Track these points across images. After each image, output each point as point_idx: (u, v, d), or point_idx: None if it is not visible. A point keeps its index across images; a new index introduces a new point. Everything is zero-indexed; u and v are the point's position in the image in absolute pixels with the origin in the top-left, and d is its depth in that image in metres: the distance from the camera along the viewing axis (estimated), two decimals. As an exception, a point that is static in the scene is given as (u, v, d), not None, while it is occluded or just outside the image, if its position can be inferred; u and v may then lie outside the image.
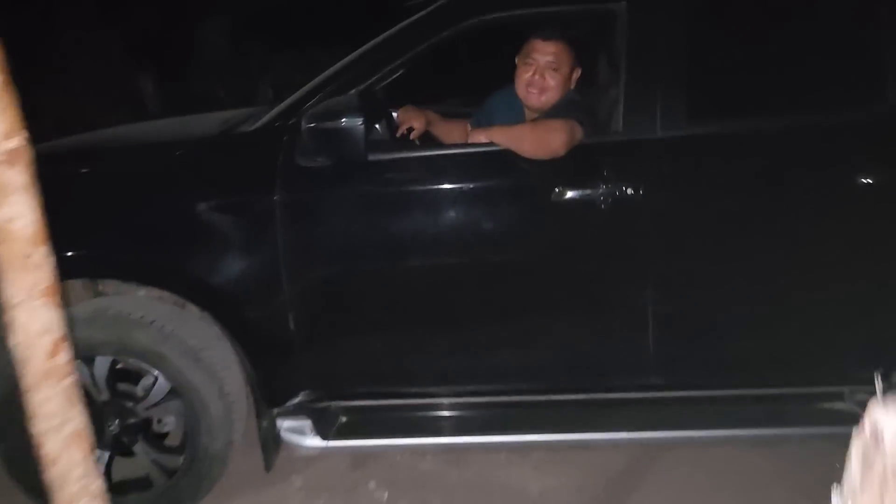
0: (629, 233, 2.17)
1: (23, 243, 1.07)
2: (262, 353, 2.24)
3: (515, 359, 2.29)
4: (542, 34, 2.31)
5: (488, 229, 2.16)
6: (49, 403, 1.05)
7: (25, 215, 1.08)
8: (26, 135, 1.09)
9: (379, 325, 2.25)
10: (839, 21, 2.20)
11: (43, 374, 1.04)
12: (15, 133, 1.07)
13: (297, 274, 2.16)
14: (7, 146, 1.06)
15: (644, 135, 2.15)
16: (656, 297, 2.19)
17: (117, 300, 2.27)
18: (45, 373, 1.04)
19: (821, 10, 2.20)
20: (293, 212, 2.13)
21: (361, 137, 1.97)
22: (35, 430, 1.09)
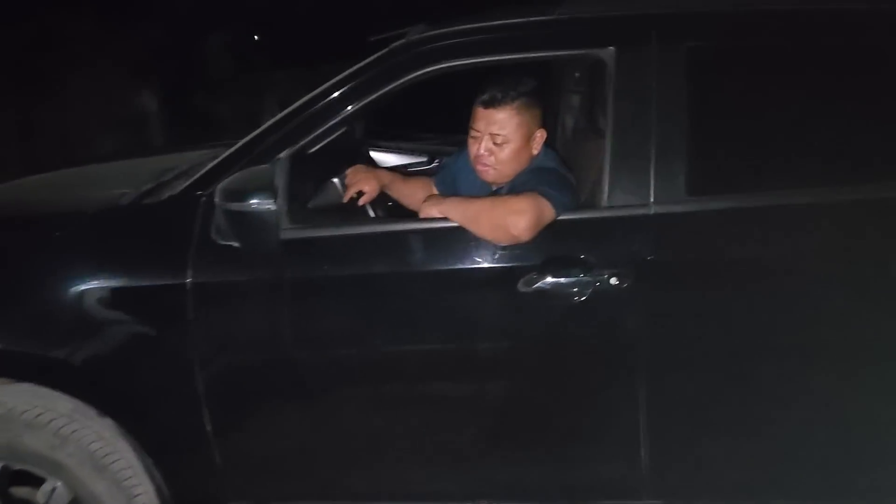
0: (613, 331, 1.77)
1: None
2: (174, 460, 1.90)
3: (470, 471, 1.90)
4: (483, 100, 1.90)
5: (438, 323, 1.79)
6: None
7: None
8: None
9: (310, 429, 1.89)
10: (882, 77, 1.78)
11: None
12: None
13: (212, 370, 1.82)
14: None
15: (633, 210, 1.76)
16: (647, 407, 1.79)
17: (10, 392, 1.95)
18: None
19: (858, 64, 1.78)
20: (207, 298, 1.79)
21: (271, 219, 1.61)
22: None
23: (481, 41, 1.87)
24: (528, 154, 1.96)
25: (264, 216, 1.61)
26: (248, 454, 1.91)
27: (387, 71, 1.84)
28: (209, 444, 1.87)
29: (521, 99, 1.91)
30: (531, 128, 1.95)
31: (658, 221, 1.75)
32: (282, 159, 1.78)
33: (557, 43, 1.85)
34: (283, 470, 1.93)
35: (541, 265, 1.74)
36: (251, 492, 1.95)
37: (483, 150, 1.93)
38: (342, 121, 1.83)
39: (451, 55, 1.85)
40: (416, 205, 2.17)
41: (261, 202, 1.60)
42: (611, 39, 1.80)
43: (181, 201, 1.85)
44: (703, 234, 1.77)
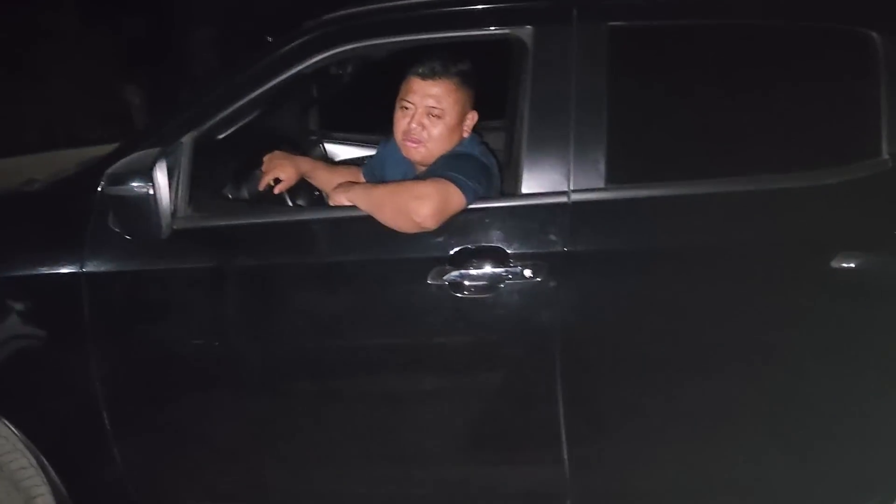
0: (527, 326, 1.67)
1: None
2: (73, 462, 1.81)
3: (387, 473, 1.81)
4: (420, 70, 1.80)
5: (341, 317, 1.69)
6: None
7: None
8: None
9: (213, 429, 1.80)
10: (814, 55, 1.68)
11: None
12: None
13: (108, 365, 1.73)
14: None
15: (550, 199, 1.65)
16: (566, 406, 1.69)
17: None
18: None
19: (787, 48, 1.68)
20: (102, 288, 1.70)
21: (152, 206, 1.52)
22: None
23: (395, 20, 1.77)
24: (459, 135, 1.85)
25: (142, 202, 1.52)
26: (150, 455, 1.82)
27: (295, 51, 1.74)
28: (109, 446, 1.78)
29: (461, 75, 1.82)
30: (465, 107, 1.85)
31: (576, 211, 1.64)
32: (183, 143, 1.69)
33: (473, 22, 1.74)
34: (186, 471, 1.84)
35: (451, 256, 1.64)
36: (155, 494, 1.86)
37: (415, 124, 1.82)
38: (249, 103, 1.73)
39: (363, 35, 1.76)
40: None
41: (139, 186, 1.51)
42: (529, 18, 1.69)
43: (80, 187, 1.76)
44: (621, 224, 1.66)
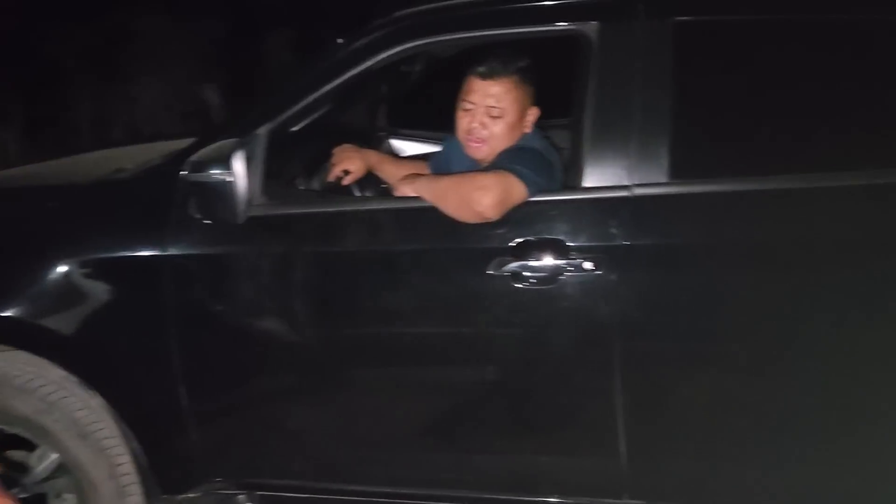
0: (586, 318, 1.69)
1: None
2: (152, 433, 1.93)
3: (447, 459, 1.86)
4: (480, 71, 1.84)
5: (406, 304, 1.75)
6: None
7: None
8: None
9: (284, 409, 1.89)
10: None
11: None
12: None
13: (186, 342, 1.83)
14: None
15: (611, 193, 1.67)
16: (624, 399, 1.70)
17: (5, 359, 2.01)
18: None
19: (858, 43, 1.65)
20: (183, 270, 1.81)
21: (230, 193, 1.61)
22: None
23: (463, 17, 1.82)
24: (520, 131, 1.89)
25: (222, 188, 1.61)
26: (222, 431, 1.92)
27: (365, 48, 1.81)
28: (186, 420, 1.89)
29: (519, 73, 1.86)
30: (526, 104, 1.89)
31: (637, 205, 1.66)
32: (259, 134, 1.78)
33: (539, 18, 1.77)
34: (256, 449, 1.93)
35: (512, 247, 1.68)
36: (226, 469, 1.96)
37: (476, 124, 1.87)
38: (321, 97, 1.81)
39: (432, 31, 1.81)
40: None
41: (218, 174, 1.60)
42: (594, 14, 1.72)
43: (164, 175, 1.87)
44: (683, 219, 1.66)
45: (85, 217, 1.91)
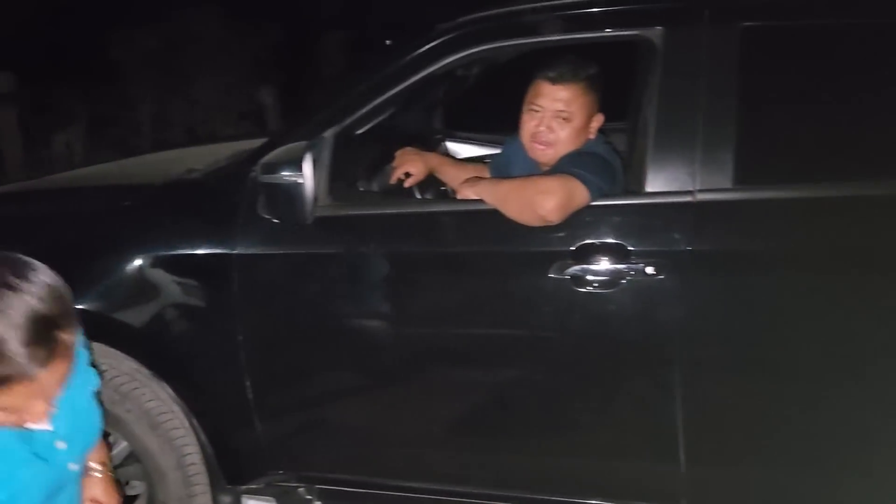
0: (647, 323, 1.70)
1: None
2: (218, 425, 1.99)
3: (503, 460, 1.88)
4: (549, 75, 1.86)
5: (466, 306, 1.78)
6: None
7: None
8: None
9: (347, 405, 1.94)
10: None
11: None
12: None
13: (253, 339, 1.89)
14: None
15: (675, 198, 1.67)
16: (684, 405, 1.70)
17: (83, 351, 2.11)
18: None
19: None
20: (251, 269, 1.87)
21: (301, 194, 1.66)
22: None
23: (527, 23, 1.84)
24: (585, 137, 1.91)
25: (292, 189, 1.66)
26: (285, 425, 1.97)
27: (430, 52, 1.84)
28: (250, 413, 1.95)
29: (588, 80, 1.88)
30: (592, 110, 1.90)
31: (701, 210, 1.65)
32: (325, 137, 1.83)
33: (602, 24, 1.79)
34: (317, 444, 1.98)
35: (573, 251, 1.70)
36: (288, 462, 2.01)
37: (543, 127, 1.89)
38: (386, 101, 1.85)
39: (496, 37, 1.84)
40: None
41: (289, 175, 1.66)
42: (659, 19, 1.72)
43: (234, 176, 1.93)
44: (748, 225, 1.66)
45: (159, 215, 1.98)
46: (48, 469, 1.19)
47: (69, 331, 1.09)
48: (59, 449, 1.22)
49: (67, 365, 1.09)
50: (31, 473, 1.16)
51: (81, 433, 1.26)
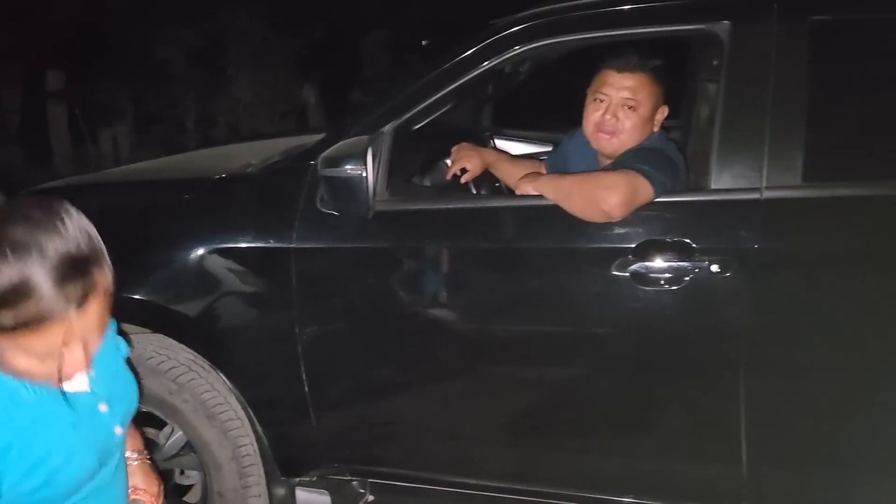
0: (711, 322, 1.67)
1: None
2: (273, 414, 2.01)
3: (563, 460, 1.86)
4: (616, 64, 1.84)
5: (527, 302, 1.76)
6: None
7: None
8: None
9: (402, 400, 1.94)
10: None
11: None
12: None
13: (310, 332, 1.90)
14: None
15: (742, 195, 1.64)
16: (747, 405, 1.67)
17: (141, 341, 2.14)
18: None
19: None
20: (308, 262, 1.88)
21: (363, 187, 1.66)
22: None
23: (591, 16, 1.82)
24: (650, 129, 1.89)
25: (355, 182, 1.67)
26: (340, 419, 1.98)
27: (490, 47, 1.83)
28: (305, 406, 1.96)
29: (654, 70, 1.86)
30: (657, 102, 1.88)
31: (768, 207, 1.62)
32: (384, 132, 1.84)
33: (667, 18, 1.76)
34: (371, 438, 1.98)
35: (635, 248, 1.67)
36: (341, 456, 2.02)
37: (609, 116, 1.86)
38: (445, 96, 1.85)
39: (560, 30, 1.82)
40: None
41: (352, 168, 1.66)
42: (726, 13, 1.69)
43: (292, 170, 1.95)
44: (818, 223, 1.62)
45: (218, 209, 2.00)
46: (95, 432, 1.19)
47: (103, 271, 1.07)
48: (102, 412, 1.22)
49: (103, 308, 1.06)
50: (81, 436, 1.16)
51: (120, 397, 1.26)
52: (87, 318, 1.02)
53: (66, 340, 1.02)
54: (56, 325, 1.00)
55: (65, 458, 1.11)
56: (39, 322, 0.98)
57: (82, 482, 1.16)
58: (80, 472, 1.15)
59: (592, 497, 1.85)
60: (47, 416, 1.11)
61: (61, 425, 1.13)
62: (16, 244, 0.97)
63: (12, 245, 0.97)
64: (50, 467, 1.09)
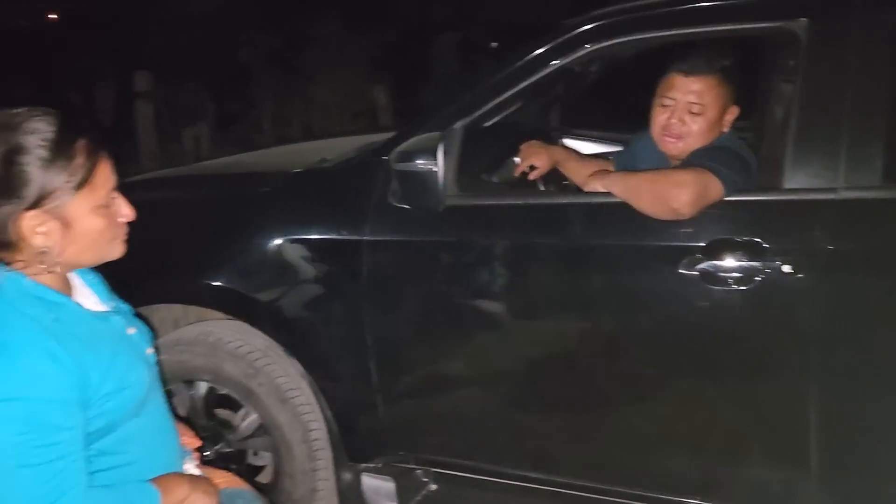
0: (782, 324, 1.64)
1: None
2: (342, 401, 2.08)
3: (627, 458, 1.86)
4: (683, 67, 1.83)
5: (594, 299, 1.77)
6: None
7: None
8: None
9: (467, 392, 1.97)
10: None
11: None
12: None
13: (379, 322, 1.96)
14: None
15: (817, 195, 1.61)
16: (818, 410, 1.64)
17: (221, 326, 2.25)
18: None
19: None
20: (380, 254, 1.94)
21: (435, 182, 1.70)
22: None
23: (664, 14, 1.82)
24: (718, 130, 1.87)
25: (426, 177, 1.72)
26: (406, 408, 2.03)
27: (562, 45, 1.85)
28: (374, 394, 2.02)
29: (722, 71, 1.85)
30: (726, 103, 1.87)
31: (845, 208, 1.59)
32: (455, 129, 1.88)
33: (743, 15, 1.74)
34: (436, 428, 2.02)
35: (706, 246, 1.66)
36: (407, 444, 2.07)
37: (675, 120, 1.87)
38: (515, 95, 1.88)
39: (633, 28, 1.82)
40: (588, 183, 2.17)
41: (424, 163, 1.71)
42: (804, 10, 1.66)
43: (366, 164, 2.01)
44: (895, 224, 1.58)
45: (295, 201, 2.08)
46: (136, 348, 1.32)
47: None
48: (132, 334, 1.36)
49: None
50: (128, 347, 1.30)
51: (139, 326, 1.39)
52: (108, 165, 1.24)
53: (110, 181, 1.23)
54: (103, 164, 1.22)
55: (125, 364, 1.25)
56: (93, 169, 1.19)
57: (145, 392, 1.29)
58: (142, 379, 1.29)
59: (655, 497, 1.85)
60: (100, 335, 1.25)
61: (112, 339, 1.27)
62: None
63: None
64: (119, 370, 1.23)
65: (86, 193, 1.19)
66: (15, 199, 1.14)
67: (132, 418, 1.28)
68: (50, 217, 1.17)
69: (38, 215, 1.16)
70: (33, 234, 1.17)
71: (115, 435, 1.24)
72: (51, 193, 1.16)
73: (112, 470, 1.25)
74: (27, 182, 1.14)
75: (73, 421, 1.14)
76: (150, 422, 1.34)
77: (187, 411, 2.25)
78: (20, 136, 1.14)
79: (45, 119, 1.17)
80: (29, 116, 1.17)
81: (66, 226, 1.19)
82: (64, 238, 1.19)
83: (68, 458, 1.13)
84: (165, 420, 1.40)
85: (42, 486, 1.10)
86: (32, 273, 1.19)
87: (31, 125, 1.16)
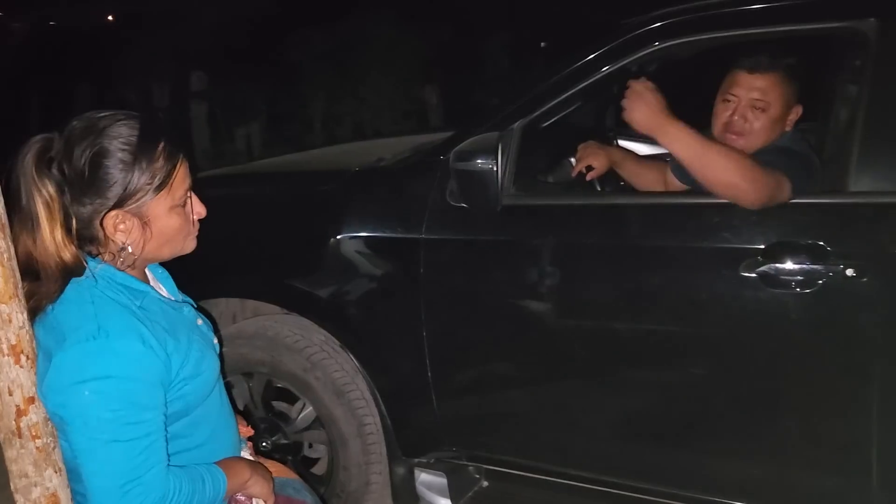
0: (844, 328, 1.62)
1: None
2: (397, 396, 2.11)
3: (680, 461, 1.85)
4: (747, 64, 1.81)
5: (652, 300, 1.77)
6: (17, 463, 1.02)
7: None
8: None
9: (520, 391, 1.98)
10: None
11: (11, 433, 1.01)
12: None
13: (435, 320, 1.99)
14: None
15: (884, 198, 1.59)
16: (881, 416, 1.61)
17: (279, 321, 2.30)
18: (13, 432, 1.00)
19: None
20: (436, 252, 1.96)
21: (493, 181, 1.72)
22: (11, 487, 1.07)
23: (729, 14, 1.81)
24: (781, 129, 1.85)
25: (485, 176, 1.73)
26: (460, 405, 2.05)
27: (622, 46, 1.85)
28: (428, 390, 2.04)
29: (786, 69, 1.83)
30: (790, 101, 1.85)
31: (914, 211, 1.56)
32: (514, 129, 1.90)
33: (809, 15, 1.72)
34: (489, 426, 2.04)
35: (766, 249, 1.65)
36: (460, 441, 2.09)
37: (737, 117, 1.85)
38: (573, 95, 1.89)
39: (697, 29, 1.81)
40: (646, 185, 2.17)
41: (483, 163, 1.73)
42: (874, 9, 1.63)
43: (424, 164, 2.04)
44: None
45: (353, 199, 2.12)
46: (205, 341, 1.38)
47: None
48: (201, 325, 1.42)
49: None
50: (199, 336, 1.36)
51: (204, 319, 1.45)
52: (185, 167, 1.29)
53: (186, 181, 1.29)
54: (181, 164, 1.27)
55: (198, 351, 1.31)
56: (172, 170, 1.25)
57: (215, 379, 1.37)
58: (212, 366, 1.36)
59: (706, 499, 1.84)
60: (178, 322, 1.32)
61: (187, 328, 1.34)
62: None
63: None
64: (194, 357, 1.30)
65: (165, 194, 1.25)
66: (99, 199, 1.20)
67: (202, 403, 1.34)
68: (131, 216, 1.23)
69: (121, 214, 1.23)
70: (115, 231, 1.23)
71: (187, 419, 1.30)
72: (133, 195, 1.22)
73: (183, 453, 1.32)
74: (111, 184, 1.20)
75: (158, 401, 1.21)
76: (215, 408, 1.40)
77: (245, 403, 2.31)
78: (105, 139, 1.20)
79: (128, 123, 1.23)
80: (114, 120, 1.22)
81: (146, 224, 1.25)
82: (143, 235, 1.25)
83: (153, 435, 1.19)
84: (227, 408, 1.47)
85: (130, 461, 1.16)
86: (117, 266, 1.25)
87: (115, 129, 1.21)
